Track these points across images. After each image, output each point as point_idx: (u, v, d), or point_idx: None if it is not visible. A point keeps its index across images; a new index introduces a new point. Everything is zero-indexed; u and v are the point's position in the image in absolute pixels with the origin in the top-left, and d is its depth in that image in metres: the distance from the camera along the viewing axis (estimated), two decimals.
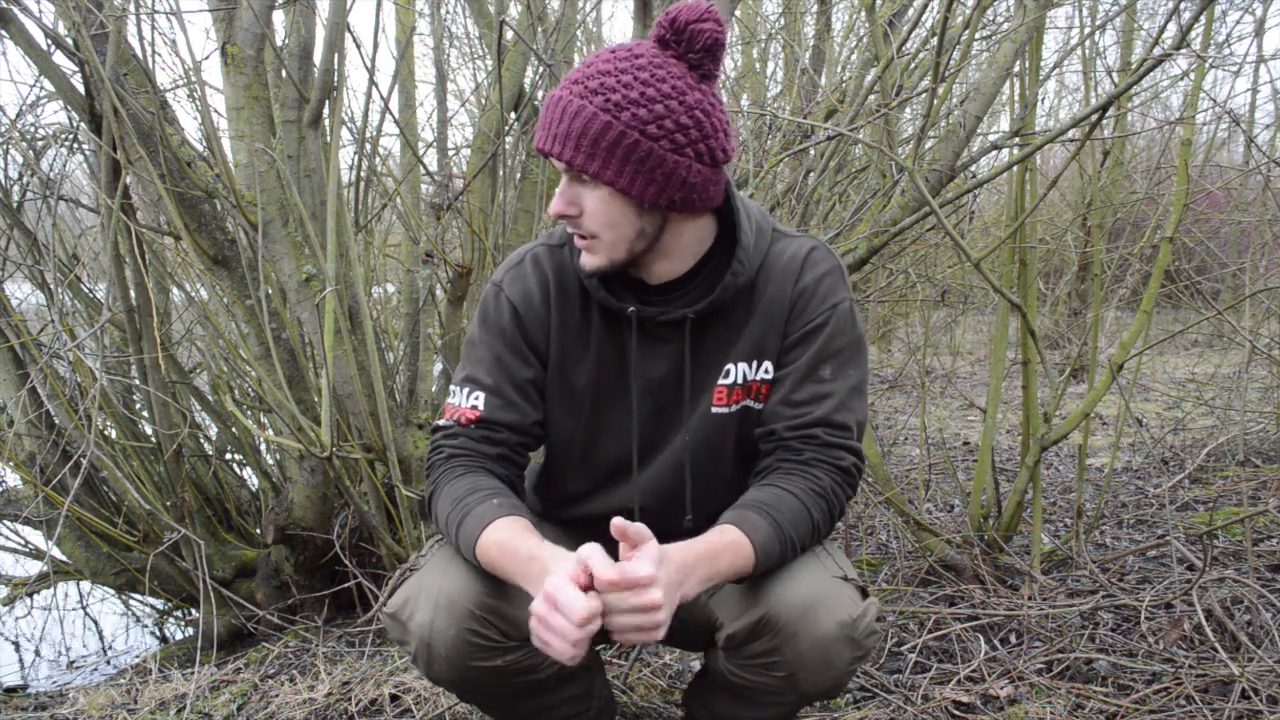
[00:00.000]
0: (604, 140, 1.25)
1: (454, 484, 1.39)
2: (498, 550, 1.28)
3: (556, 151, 1.28)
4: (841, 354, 1.42)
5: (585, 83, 1.27)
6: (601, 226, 1.33)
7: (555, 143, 1.28)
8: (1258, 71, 6.34)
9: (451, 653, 1.31)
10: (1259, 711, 1.81)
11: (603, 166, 1.26)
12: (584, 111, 1.25)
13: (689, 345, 1.43)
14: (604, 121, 1.25)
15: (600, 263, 1.36)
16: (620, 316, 1.43)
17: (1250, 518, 2.64)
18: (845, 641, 1.29)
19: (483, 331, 1.48)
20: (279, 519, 2.92)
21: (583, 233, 1.35)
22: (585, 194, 1.31)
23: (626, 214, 1.31)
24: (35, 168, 3.08)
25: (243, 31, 2.48)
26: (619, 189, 1.28)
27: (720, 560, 1.25)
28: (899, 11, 3.17)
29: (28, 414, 2.83)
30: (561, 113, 1.27)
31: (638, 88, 1.25)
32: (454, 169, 3.53)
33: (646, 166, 1.27)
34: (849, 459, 1.41)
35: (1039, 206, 2.74)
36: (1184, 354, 7.46)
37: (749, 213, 1.43)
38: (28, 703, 2.46)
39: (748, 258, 1.40)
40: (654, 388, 1.46)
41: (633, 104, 1.25)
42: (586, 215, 1.32)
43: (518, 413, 1.45)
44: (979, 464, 2.77)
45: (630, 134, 1.25)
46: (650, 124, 1.25)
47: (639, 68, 1.26)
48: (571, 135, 1.26)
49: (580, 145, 1.26)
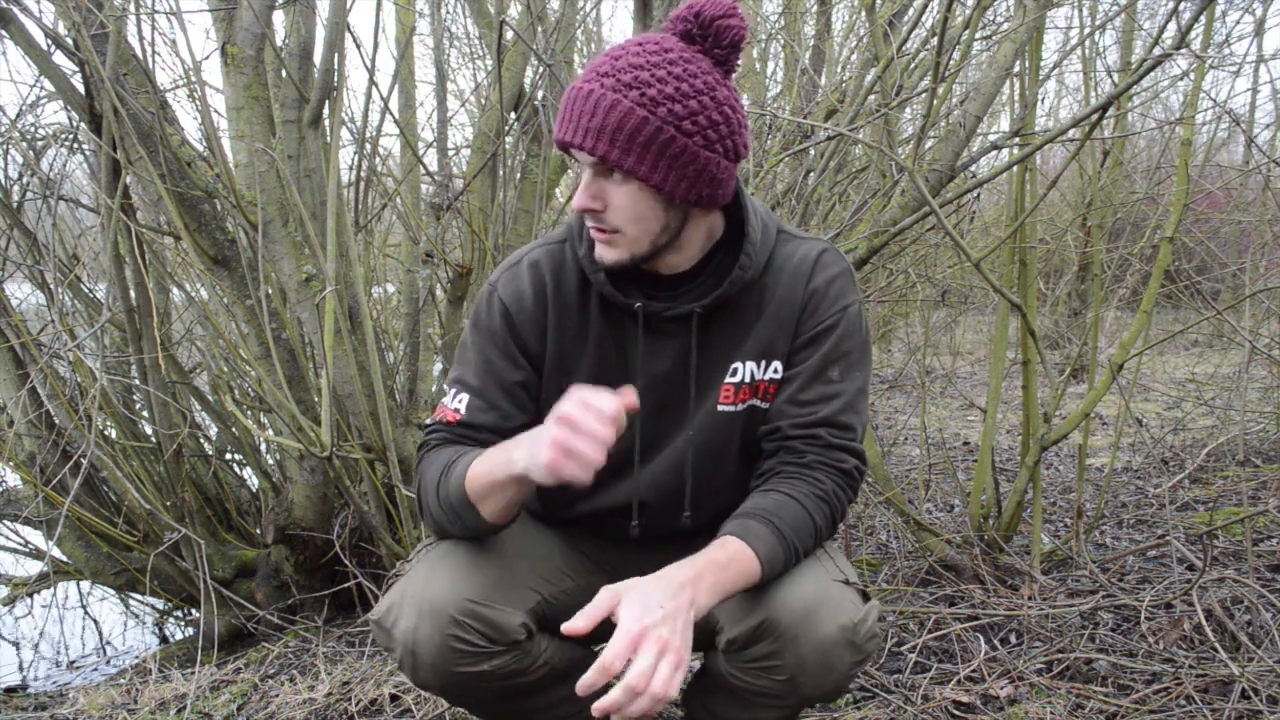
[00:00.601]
0: (640, 135, 1.24)
1: (435, 458, 1.40)
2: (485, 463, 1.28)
3: (589, 145, 1.25)
4: (850, 356, 1.42)
5: (617, 76, 1.24)
6: (627, 221, 1.31)
7: (587, 136, 1.25)
8: (1258, 71, 6.34)
9: (436, 659, 1.31)
10: (1259, 711, 1.81)
11: (638, 161, 1.25)
12: (620, 105, 1.23)
13: (695, 340, 1.42)
14: (641, 116, 1.23)
15: (620, 256, 1.34)
16: (624, 312, 1.43)
17: (1250, 518, 2.64)
18: (846, 645, 1.28)
19: (473, 333, 1.48)
20: (279, 519, 2.92)
21: (606, 227, 1.32)
22: (611, 188, 1.29)
23: (654, 209, 1.31)
24: (35, 168, 3.08)
25: (243, 31, 2.48)
26: (652, 184, 1.27)
27: (727, 571, 1.25)
28: (899, 11, 3.17)
29: (28, 414, 2.83)
30: (594, 106, 1.24)
31: (672, 83, 1.24)
32: (454, 169, 3.53)
33: (680, 162, 1.26)
34: (851, 461, 1.40)
35: (1039, 206, 2.74)
36: (1184, 354, 7.46)
37: (755, 210, 1.43)
38: (28, 703, 2.47)
39: (755, 252, 1.39)
40: (658, 383, 1.45)
41: (668, 99, 1.24)
42: (612, 210, 1.31)
43: (499, 415, 1.44)
44: (979, 464, 2.77)
45: (666, 129, 1.24)
46: (685, 120, 1.24)
47: (671, 62, 1.25)
48: (606, 129, 1.24)
49: (615, 139, 1.24)
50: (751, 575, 1.27)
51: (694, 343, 1.42)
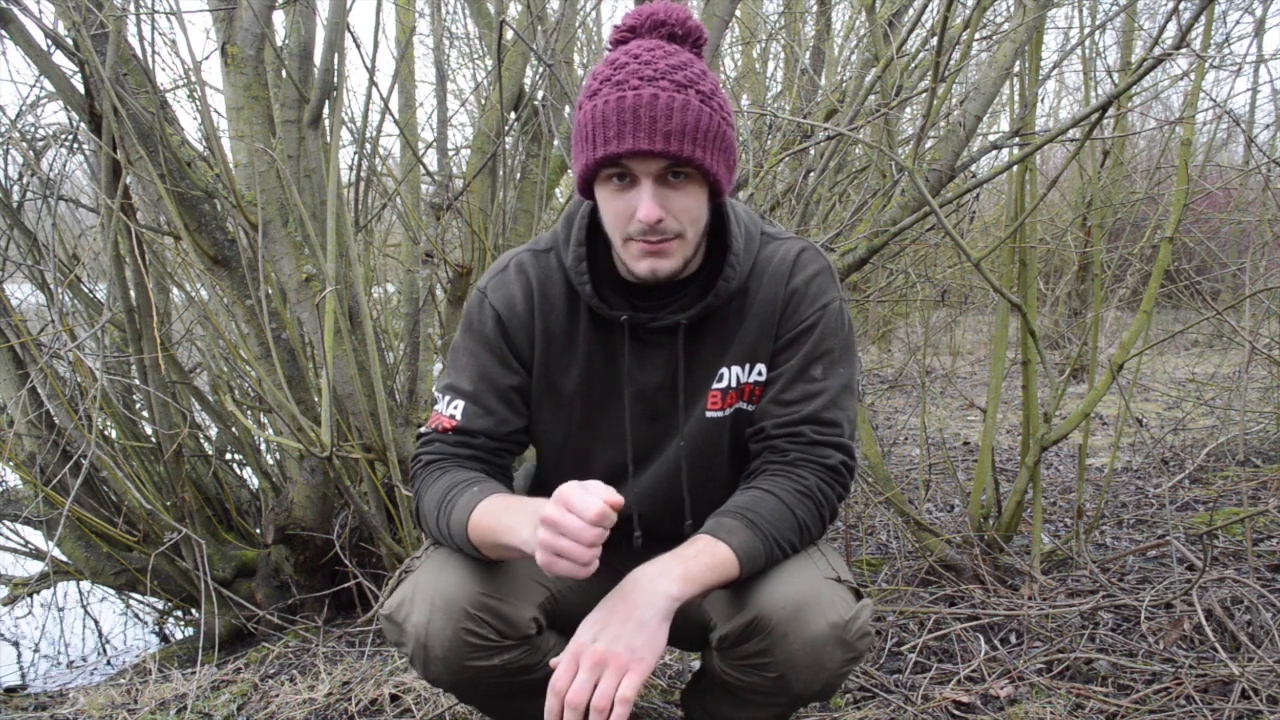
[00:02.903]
0: (711, 131, 1.25)
1: (434, 486, 1.40)
2: (490, 519, 1.28)
3: (672, 149, 1.21)
4: (832, 353, 1.42)
5: (669, 76, 1.23)
6: (690, 223, 1.30)
7: (669, 139, 1.21)
8: (1258, 71, 6.36)
9: (448, 653, 1.31)
10: (1259, 711, 1.81)
11: (713, 158, 1.26)
12: (690, 105, 1.22)
13: (683, 352, 1.42)
14: (708, 113, 1.24)
15: (675, 265, 1.32)
16: (611, 323, 1.43)
17: (1250, 518, 2.64)
18: (836, 643, 1.28)
19: (466, 339, 1.48)
20: (279, 519, 2.92)
21: (668, 236, 1.29)
22: (670, 193, 1.27)
23: (704, 206, 1.32)
24: (35, 168, 3.08)
25: (243, 31, 2.48)
26: (715, 178, 1.28)
27: (697, 561, 1.25)
28: (899, 11, 3.17)
29: (28, 414, 2.83)
30: (663, 108, 1.21)
31: (706, 80, 1.26)
32: (454, 169, 3.53)
33: (730, 153, 1.30)
34: (836, 456, 1.40)
35: (1039, 206, 2.74)
36: (1184, 354, 7.46)
37: (738, 216, 1.42)
38: (28, 703, 2.46)
39: (739, 263, 1.40)
40: (647, 394, 1.46)
41: (713, 94, 1.26)
42: (675, 215, 1.28)
43: (495, 420, 1.44)
44: (979, 464, 2.77)
45: (722, 123, 1.27)
46: (726, 112, 1.28)
47: (687, 61, 1.27)
48: (685, 130, 1.22)
49: (696, 139, 1.23)
50: (726, 565, 1.27)
51: (681, 353, 1.42)
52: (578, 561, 1.15)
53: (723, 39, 2.96)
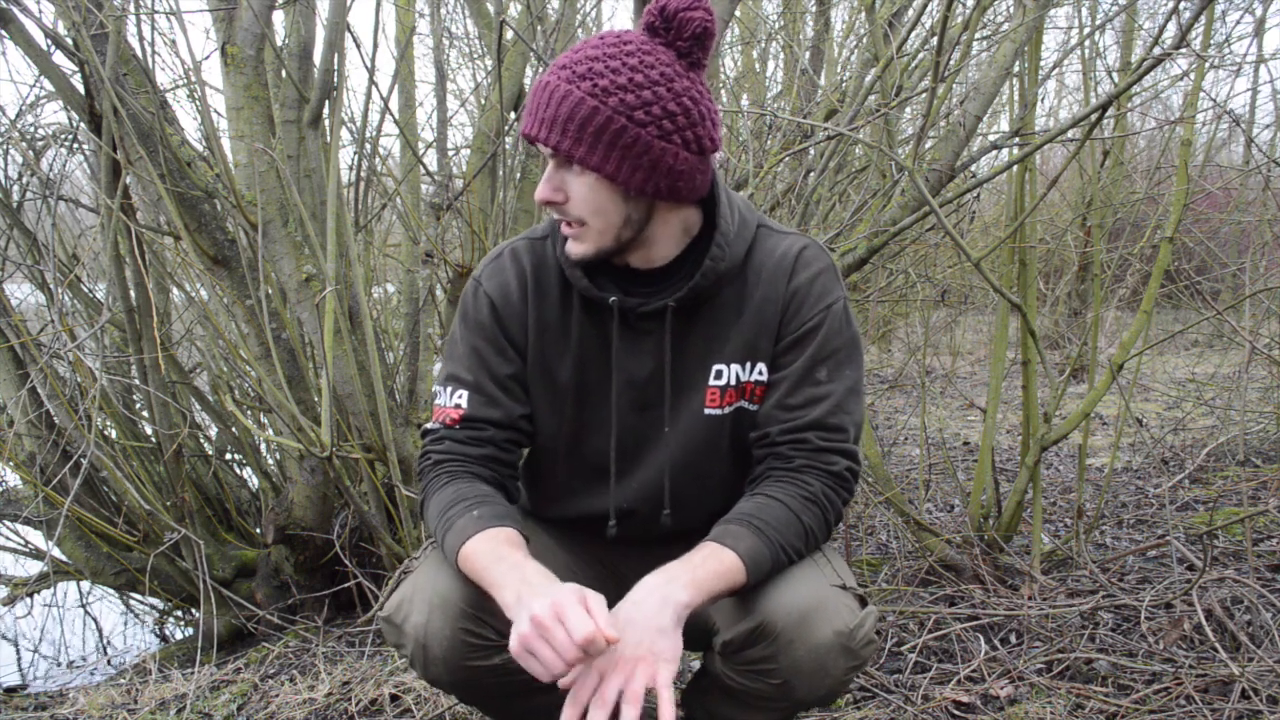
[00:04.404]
0: (591, 125, 1.24)
1: (440, 494, 1.39)
2: (480, 560, 1.27)
3: (543, 136, 1.27)
4: (837, 355, 1.41)
5: (573, 68, 1.26)
6: (589, 213, 1.32)
7: (542, 127, 1.27)
8: (1258, 71, 6.36)
9: (447, 653, 1.31)
10: (1259, 711, 1.81)
11: (589, 151, 1.25)
12: (571, 96, 1.24)
13: (670, 336, 1.41)
14: (591, 106, 1.24)
15: (587, 250, 1.35)
16: (602, 308, 1.42)
17: (1250, 518, 2.64)
18: (841, 651, 1.27)
19: (463, 328, 1.47)
20: (279, 519, 2.92)
21: (569, 220, 1.33)
22: (572, 180, 1.30)
23: (614, 201, 1.30)
24: (35, 168, 3.08)
25: (243, 31, 2.48)
26: (605, 175, 1.27)
27: (704, 568, 1.25)
28: (899, 11, 3.17)
29: (28, 414, 2.83)
30: (549, 98, 1.26)
31: (625, 73, 1.24)
32: (454, 169, 3.53)
33: (633, 153, 1.26)
34: (841, 463, 1.39)
35: (1039, 206, 2.74)
36: (1184, 354, 7.46)
37: (732, 203, 1.42)
38: (28, 703, 2.46)
39: (727, 243, 1.38)
40: (637, 383, 1.44)
41: (620, 89, 1.24)
42: (573, 202, 1.31)
43: (501, 409, 1.44)
44: (979, 464, 2.77)
45: (617, 119, 1.24)
46: (638, 110, 1.24)
47: (627, 54, 1.25)
48: (559, 120, 1.25)
49: (567, 130, 1.25)
50: (733, 571, 1.26)
51: (668, 338, 1.41)
52: (549, 670, 1.15)
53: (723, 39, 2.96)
